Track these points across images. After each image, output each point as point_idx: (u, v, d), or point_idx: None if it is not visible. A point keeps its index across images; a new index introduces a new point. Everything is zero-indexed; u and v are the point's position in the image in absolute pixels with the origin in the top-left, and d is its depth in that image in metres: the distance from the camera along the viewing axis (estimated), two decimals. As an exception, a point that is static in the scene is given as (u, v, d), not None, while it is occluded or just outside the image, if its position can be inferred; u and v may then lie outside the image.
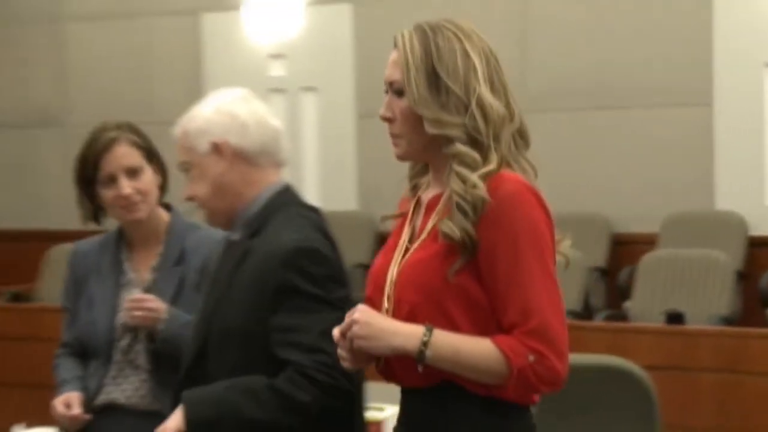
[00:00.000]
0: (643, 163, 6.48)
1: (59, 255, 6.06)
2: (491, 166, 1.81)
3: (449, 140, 1.83)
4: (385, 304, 1.87)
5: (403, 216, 1.95)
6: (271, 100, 6.95)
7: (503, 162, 1.84)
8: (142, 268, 2.80)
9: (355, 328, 1.84)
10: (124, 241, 2.78)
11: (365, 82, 6.95)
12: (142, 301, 2.57)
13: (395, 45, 1.89)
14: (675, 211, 6.24)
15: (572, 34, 6.87)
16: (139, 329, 2.60)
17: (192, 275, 2.77)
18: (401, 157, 1.91)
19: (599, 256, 6.29)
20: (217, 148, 2.23)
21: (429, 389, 1.86)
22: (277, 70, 7.33)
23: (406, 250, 1.89)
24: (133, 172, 2.64)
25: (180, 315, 2.66)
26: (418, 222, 1.90)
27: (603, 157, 6.64)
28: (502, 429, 1.86)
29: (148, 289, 2.78)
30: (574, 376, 2.90)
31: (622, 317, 5.87)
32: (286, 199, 2.30)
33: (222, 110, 2.29)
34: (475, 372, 1.81)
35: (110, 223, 2.77)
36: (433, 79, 1.83)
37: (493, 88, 1.84)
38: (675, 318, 5.33)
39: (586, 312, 5.93)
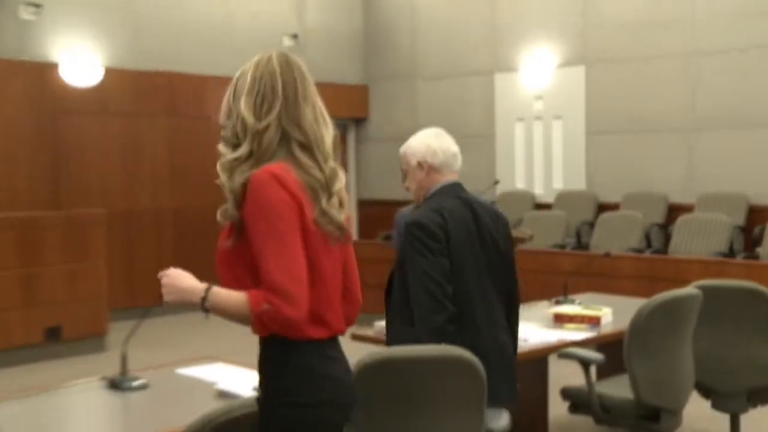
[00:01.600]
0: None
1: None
2: (241, 159, 2.01)
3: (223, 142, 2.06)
4: None
5: None
6: (533, 125, 9.91)
7: (262, 158, 2.01)
8: None
9: (163, 280, 2.03)
10: None
11: (591, 112, 9.38)
12: None
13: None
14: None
15: (736, 65, 8.42)
16: None
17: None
18: None
19: (740, 219, 8.20)
20: (419, 164, 3.03)
21: (262, 337, 2.06)
22: (537, 105, 9.79)
23: None
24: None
25: None
26: None
27: (749, 161, 8.34)
28: (278, 360, 2.02)
29: None
30: (723, 295, 3.77)
31: (755, 257, 7.54)
32: (445, 190, 3.00)
33: (423, 142, 3.05)
34: (236, 316, 2.00)
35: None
36: (230, 99, 2.10)
37: (255, 107, 2.03)
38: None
39: (731, 254, 7.71)
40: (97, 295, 7.61)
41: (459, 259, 2.89)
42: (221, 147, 2.08)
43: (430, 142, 3.05)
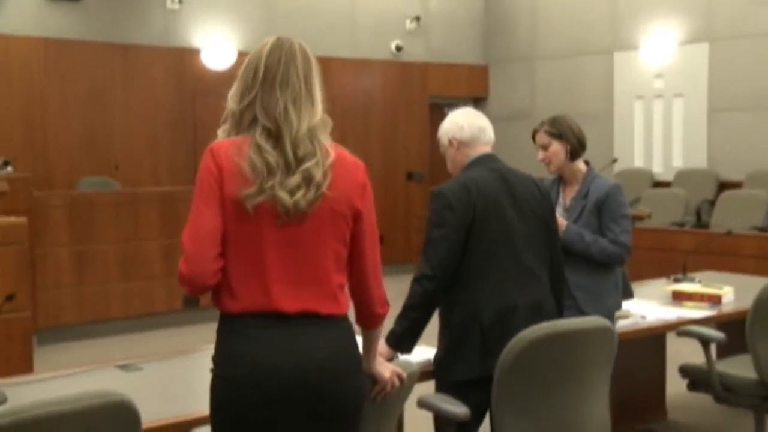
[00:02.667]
0: None
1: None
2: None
3: None
4: None
5: None
6: (653, 103, 9.61)
7: (229, 135, 2.08)
8: (568, 197, 3.56)
9: None
10: (563, 181, 3.59)
11: (714, 90, 9.03)
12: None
13: None
14: None
15: None
16: None
17: (590, 205, 3.45)
18: None
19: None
20: (450, 142, 3.03)
21: None
22: (658, 83, 9.49)
23: None
24: (543, 147, 3.56)
25: (573, 227, 3.38)
26: None
27: None
28: (217, 329, 2.11)
29: (566, 210, 3.51)
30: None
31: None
32: (475, 162, 2.96)
33: (451, 120, 3.05)
34: None
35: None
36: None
37: (240, 91, 2.07)
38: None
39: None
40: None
41: (483, 228, 2.81)
42: (219, 129, 2.13)
43: (456, 120, 3.03)
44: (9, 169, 6.72)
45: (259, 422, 2.00)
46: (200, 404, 2.57)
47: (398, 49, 10.60)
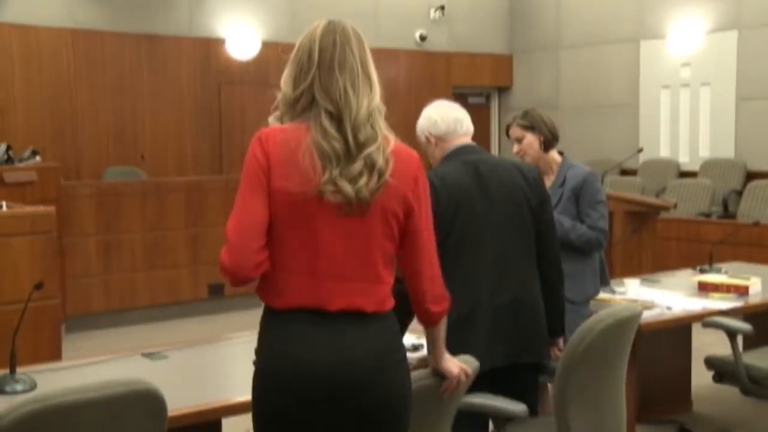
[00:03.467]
0: None
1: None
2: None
3: None
4: None
5: None
6: (680, 92, 9.45)
7: (281, 120, 2.01)
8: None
9: None
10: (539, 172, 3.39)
11: (743, 78, 8.87)
12: None
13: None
14: None
15: None
16: None
17: (567, 192, 3.56)
18: None
19: None
20: (427, 139, 2.97)
21: None
22: (684, 72, 9.36)
23: None
24: (518, 140, 3.64)
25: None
26: None
27: None
28: (260, 322, 2.04)
29: None
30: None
31: None
32: (451, 155, 2.90)
33: (424, 116, 2.99)
34: None
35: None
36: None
37: (294, 76, 2.00)
38: None
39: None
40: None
41: (449, 222, 2.74)
42: (270, 116, 2.04)
43: (430, 114, 2.97)
44: (38, 158, 6.79)
45: (299, 419, 1.96)
46: (225, 392, 2.60)
47: (422, 38, 10.56)
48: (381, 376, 1.97)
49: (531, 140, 3.57)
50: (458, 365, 2.31)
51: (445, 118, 2.92)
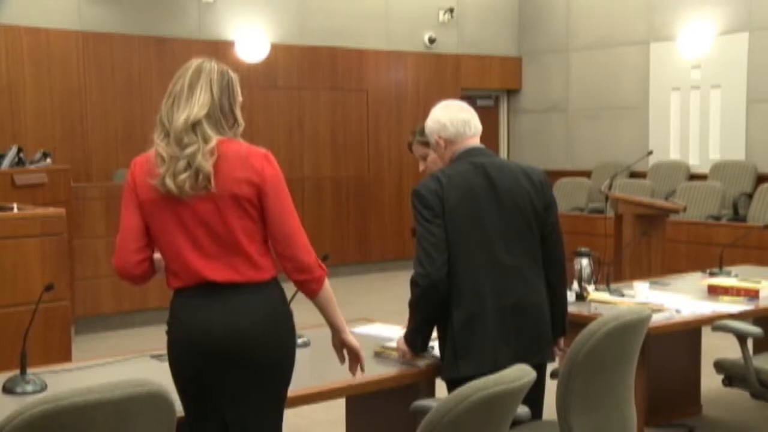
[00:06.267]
0: None
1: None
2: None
3: None
4: None
5: None
6: (690, 94, 9.45)
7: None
8: None
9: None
10: None
11: (754, 80, 8.88)
12: None
13: None
14: None
15: None
16: None
17: None
18: None
19: None
20: (437, 142, 2.99)
21: None
22: (695, 74, 9.35)
23: None
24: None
25: None
26: None
27: None
28: (170, 305, 2.43)
29: None
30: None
31: None
32: (460, 157, 2.92)
33: (433, 119, 3.00)
34: None
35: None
36: None
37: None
38: None
39: None
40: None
41: (455, 222, 2.77)
42: None
43: (438, 117, 2.98)
44: (48, 161, 6.83)
45: (192, 372, 2.35)
46: (234, 394, 2.59)
47: (431, 41, 10.56)
48: (266, 338, 2.33)
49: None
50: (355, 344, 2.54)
51: (454, 120, 2.93)
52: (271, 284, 2.38)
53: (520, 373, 2.11)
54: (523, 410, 2.56)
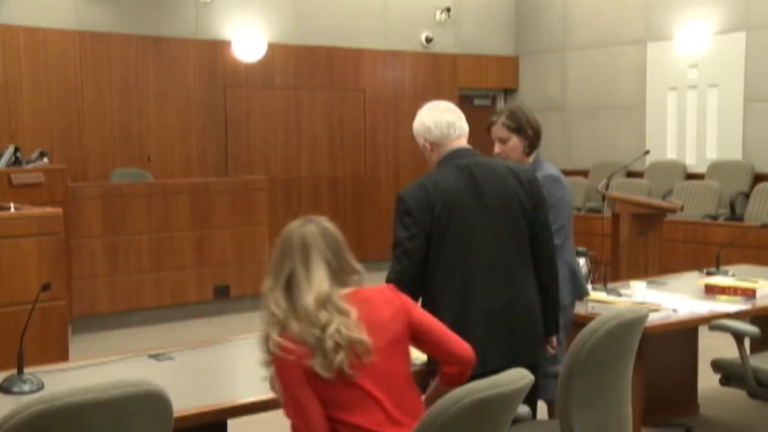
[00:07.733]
0: None
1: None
2: None
3: None
4: None
5: None
6: (687, 94, 9.42)
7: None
8: None
9: None
10: None
11: (751, 80, 8.87)
12: None
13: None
14: None
15: None
16: None
17: None
18: None
19: None
20: (423, 144, 2.99)
21: None
22: (692, 74, 9.34)
23: None
24: (501, 140, 3.43)
25: None
26: None
27: None
28: None
29: None
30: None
31: None
32: (445, 159, 2.91)
33: (419, 122, 3.00)
34: None
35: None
36: None
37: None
38: None
39: None
40: (262, 256, 7.87)
41: (443, 227, 2.76)
42: None
43: (423, 120, 2.96)
44: (45, 160, 6.82)
45: None
46: (231, 393, 2.61)
47: (428, 40, 10.56)
48: None
49: (516, 144, 3.39)
50: None
51: (438, 123, 2.91)
52: None
53: (516, 377, 2.09)
54: (523, 410, 2.57)
